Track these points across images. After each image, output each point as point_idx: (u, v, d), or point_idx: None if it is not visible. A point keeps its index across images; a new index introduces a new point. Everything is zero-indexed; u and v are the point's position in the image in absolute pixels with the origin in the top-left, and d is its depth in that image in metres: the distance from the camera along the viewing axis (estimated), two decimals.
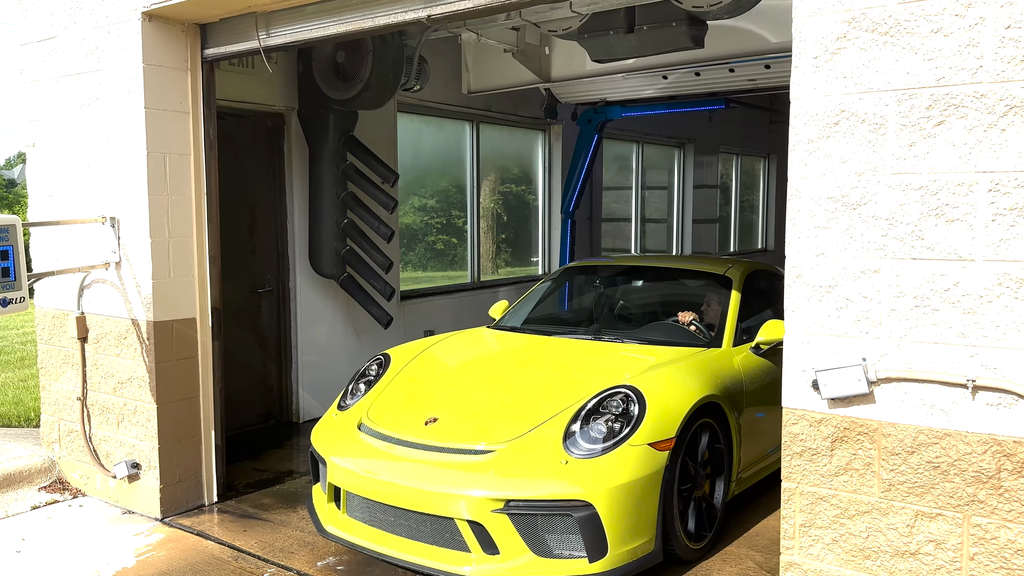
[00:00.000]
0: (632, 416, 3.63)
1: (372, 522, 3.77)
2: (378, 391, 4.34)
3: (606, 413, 3.67)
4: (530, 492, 3.40)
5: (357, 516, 3.85)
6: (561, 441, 3.57)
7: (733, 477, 4.24)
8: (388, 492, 3.62)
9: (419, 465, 3.64)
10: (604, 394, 3.76)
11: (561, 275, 5.83)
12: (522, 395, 4.04)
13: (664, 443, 3.61)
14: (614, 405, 3.69)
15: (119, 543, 4.29)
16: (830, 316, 2.64)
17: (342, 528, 3.86)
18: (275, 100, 6.12)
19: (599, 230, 10.31)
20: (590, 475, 3.41)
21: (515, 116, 8.51)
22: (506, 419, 3.81)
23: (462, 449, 3.66)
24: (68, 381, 5.03)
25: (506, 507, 3.39)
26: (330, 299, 6.65)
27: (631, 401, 3.69)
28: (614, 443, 3.52)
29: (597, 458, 3.48)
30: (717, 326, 4.69)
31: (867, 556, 2.60)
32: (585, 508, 3.36)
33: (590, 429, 3.61)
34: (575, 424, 3.64)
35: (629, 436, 3.55)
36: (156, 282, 4.53)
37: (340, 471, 3.85)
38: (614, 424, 3.61)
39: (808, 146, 2.66)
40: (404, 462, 3.69)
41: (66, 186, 4.91)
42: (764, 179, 14.48)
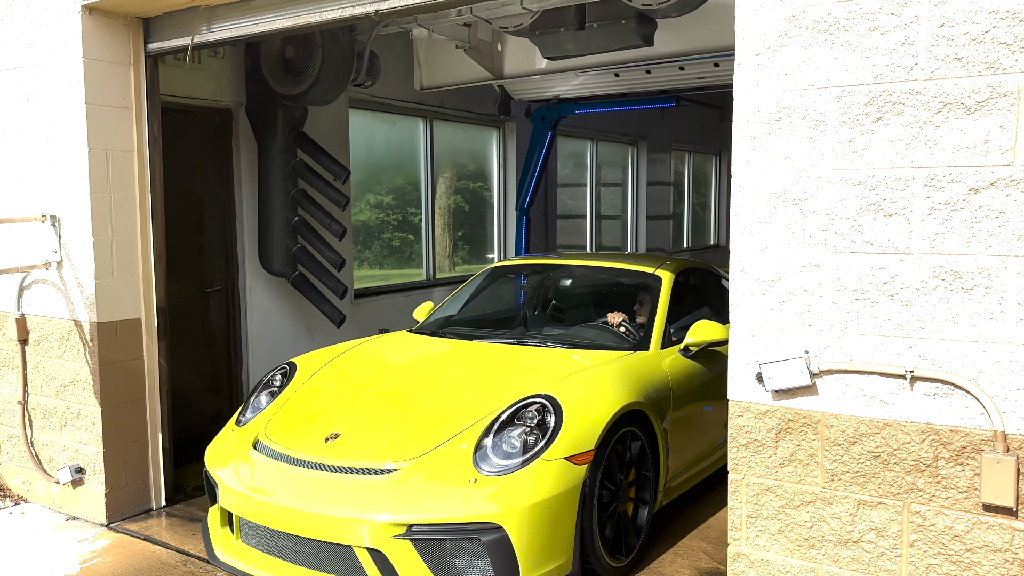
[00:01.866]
0: (548, 428, 3.39)
1: (267, 549, 3.50)
2: (279, 404, 4.04)
3: (521, 425, 3.42)
4: (434, 515, 3.14)
5: (251, 542, 3.58)
6: (471, 457, 3.33)
7: (660, 487, 4.04)
8: (281, 517, 3.34)
9: (316, 487, 3.35)
10: (519, 404, 3.52)
11: (488, 275, 5.51)
12: (434, 407, 3.77)
13: (583, 456, 3.38)
14: (529, 416, 3.45)
15: (63, 550, 4.18)
16: (773, 310, 2.68)
17: (235, 555, 3.59)
18: (222, 95, 6.01)
19: (555, 227, 10.35)
20: (500, 494, 3.17)
21: (469, 113, 8.49)
22: (414, 434, 3.55)
23: (362, 468, 3.38)
24: (8, 385, 4.88)
25: (408, 532, 3.13)
26: (281, 298, 6.56)
27: (547, 411, 3.46)
28: (528, 458, 3.27)
29: (509, 475, 3.23)
30: (645, 328, 4.53)
31: (812, 545, 2.65)
32: (495, 531, 3.12)
33: (503, 443, 3.36)
34: (487, 438, 3.39)
35: (544, 450, 3.31)
36: (99, 282, 4.42)
37: (231, 494, 3.56)
38: (529, 437, 3.37)
39: (751, 143, 2.69)
40: (300, 483, 3.40)
41: (3, 184, 4.77)
42: (716, 176, 14.68)
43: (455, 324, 5.03)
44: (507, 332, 4.84)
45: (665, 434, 4.03)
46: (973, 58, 2.34)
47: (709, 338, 4.29)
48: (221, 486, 3.63)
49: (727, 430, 4.52)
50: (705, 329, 4.31)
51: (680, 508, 4.56)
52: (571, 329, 4.81)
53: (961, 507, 2.42)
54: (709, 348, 4.41)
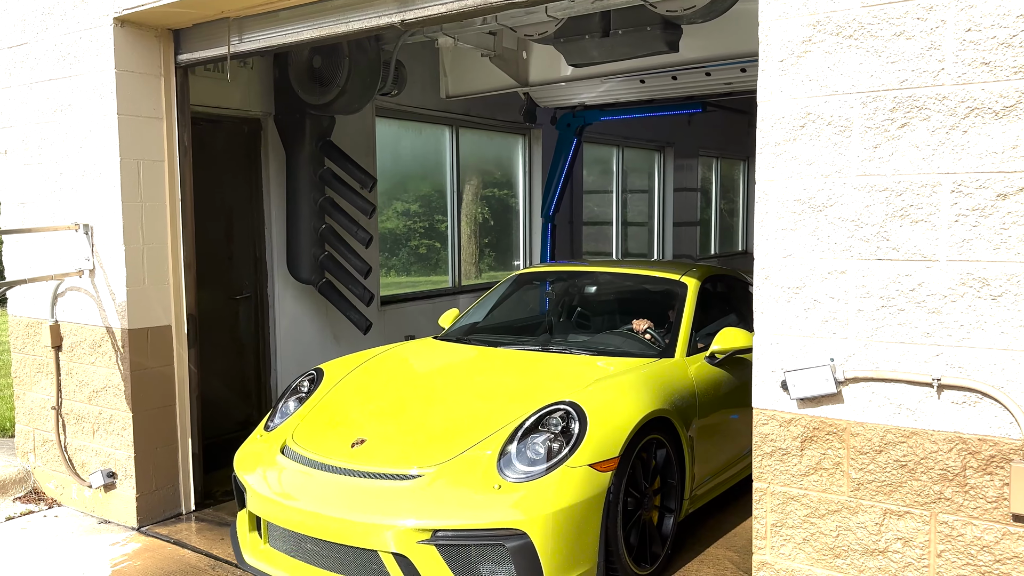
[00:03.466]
0: (572, 435, 3.38)
1: (295, 553, 3.54)
2: (307, 410, 4.08)
3: (545, 432, 3.42)
4: (459, 521, 3.14)
5: (279, 546, 3.62)
6: (496, 463, 3.33)
7: (686, 495, 4.01)
8: (308, 522, 3.37)
9: (342, 492, 3.38)
10: (544, 411, 3.52)
11: (513, 282, 5.53)
12: (459, 413, 3.79)
13: (607, 463, 3.37)
14: (554, 423, 3.45)
15: (95, 553, 4.26)
16: (798, 317, 2.66)
17: (263, 559, 3.62)
18: (251, 105, 6.10)
19: (580, 234, 10.34)
20: (525, 500, 3.17)
21: (494, 120, 8.53)
22: (439, 440, 3.56)
23: (388, 474, 3.40)
24: (43, 390, 4.98)
25: (433, 537, 3.14)
26: (309, 305, 6.62)
27: (571, 418, 3.45)
28: (552, 465, 3.27)
29: (533, 481, 3.23)
30: (670, 335, 4.48)
31: (837, 555, 2.62)
32: (519, 537, 3.12)
33: (527, 450, 3.36)
34: (511, 444, 3.39)
35: (568, 457, 3.30)
36: (130, 289, 4.50)
37: (259, 499, 3.60)
38: (553, 444, 3.37)
39: (775, 148, 2.68)
40: (327, 488, 3.43)
41: (39, 193, 4.87)
42: (743, 182, 14.58)
43: (480, 331, 5.04)
44: (532, 339, 4.84)
45: (691, 442, 4.00)
46: (1001, 62, 2.32)
47: (735, 345, 4.26)
48: (249, 491, 3.67)
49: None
50: (731, 336, 4.28)
51: (706, 517, 4.53)
52: (596, 336, 4.79)
53: (990, 517, 2.38)
54: (736, 355, 4.37)
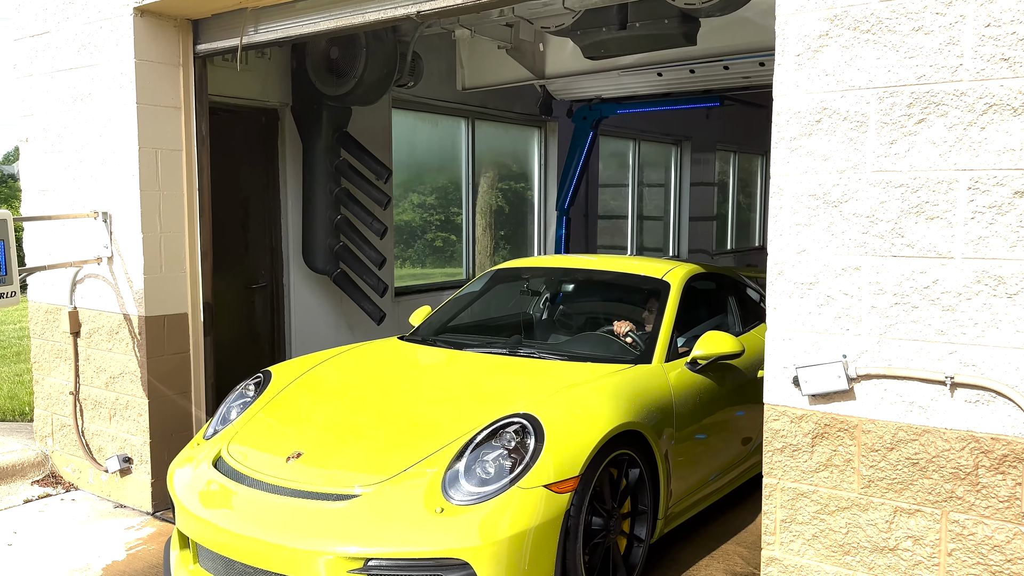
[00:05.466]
0: (527, 451, 3.05)
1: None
2: (248, 417, 3.74)
3: (499, 447, 3.10)
4: (394, 548, 2.82)
5: (209, 567, 3.27)
6: (440, 483, 3.00)
7: (660, 514, 3.68)
8: (235, 545, 3.04)
9: (272, 512, 3.05)
10: (497, 424, 3.18)
11: (491, 278, 5.14)
12: (409, 424, 3.46)
13: (565, 483, 3.03)
14: (507, 438, 3.12)
15: (110, 537, 4.31)
16: (811, 313, 2.65)
17: None
18: (269, 96, 6.13)
19: (595, 227, 10.33)
20: (469, 526, 2.85)
21: (511, 113, 8.52)
22: (382, 455, 3.24)
23: (322, 493, 3.07)
24: (61, 375, 5.05)
25: (365, 567, 2.82)
26: (324, 295, 6.66)
27: (527, 433, 3.11)
28: (503, 486, 2.95)
29: (481, 504, 2.91)
30: (648, 338, 4.15)
31: (847, 552, 2.61)
32: (460, 568, 2.81)
33: (476, 467, 3.04)
34: (459, 462, 3.06)
35: (521, 476, 2.98)
36: (148, 277, 4.54)
37: (187, 516, 3.27)
38: (505, 461, 3.04)
39: (790, 144, 2.67)
40: (256, 508, 3.10)
41: (59, 181, 4.93)
42: (761, 176, 14.50)
43: (449, 331, 4.70)
44: (501, 341, 4.45)
45: (666, 457, 3.68)
46: (1021, 59, 2.29)
47: (719, 351, 3.94)
48: (178, 507, 3.35)
49: (740, 449, 4.46)
50: (715, 341, 3.95)
51: (717, 513, 4.53)
52: (571, 339, 4.49)
53: (1002, 517, 2.37)
54: (720, 362, 4.09)
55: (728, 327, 4.77)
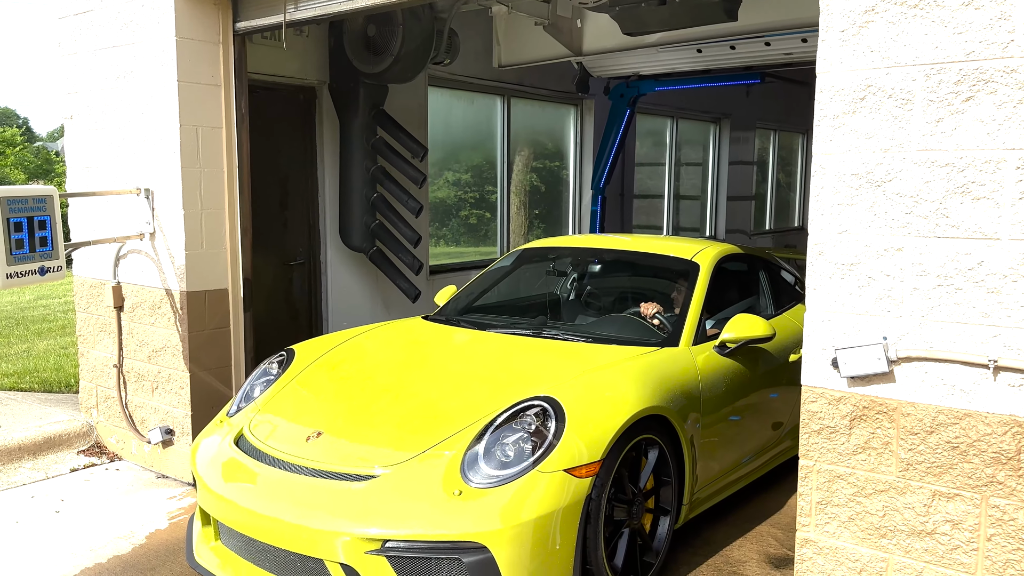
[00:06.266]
0: (547, 435, 3.01)
1: (245, 554, 3.22)
2: (270, 395, 3.75)
3: (519, 430, 3.05)
4: (411, 530, 2.80)
5: (229, 544, 3.30)
6: (459, 465, 2.97)
7: (686, 500, 3.64)
8: (254, 524, 3.05)
9: (291, 492, 3.05)
10: (518, 407, 3.14)
11: (517, 258, 5.06)
12: (429, 405, 3.43)
13: (586, 468, 2.99)
14: (527, 421, 3.07)
15: (153, 506, 4.43)
16: (851, 294, 2.61)
17: (214, 556, 3.32)
18: (307, 74, 6.16)
19: (631, 206, 10.26)
20: (487, 510, 2.81)
21: (547, 90, 8.47)
22: (402, 436, 3.22)
23: (341, 473, 3.06)
24: (105, 349, 5.17)
25: (383, 548, 2.81)
26: (360, 272, 6.72)
27: (548, 416, 3.07)
28: (522, 469, 2.91)
29: (499, 487, 2.87)
30: (676, 321, 4.07)
31: (883, 535, 2.59)
32: (478, 551, 2.77)
33: (496, 450, 3.00)
34: (478, 444, 3.03)
35: (541, 460, 2.94)
36: (189, 253, 4.62)
37: (208, 494, 3.29)
38: (525, 445, 2.99)
39: (833, 121, 2.62)
40: (276, 487, 3.10)
41: (102, 158, 5.02)
42: (802, 155, 14.26)
43: (473, 311, 4.66)
44: (525, 322, 4.40)
45: (692, 442, 3.63)
46: None
47: (748, 334, 3.85)
48: (200, 483, 3.39)
49: (770, 434, 4.42)
50: (745, 324, 3.86)
51: (752, 495, 4.51)
52: (597, 320, 4.42)
53: None
54: (751, 345, 4.01)
55: (760, 310, 4.69)
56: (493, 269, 5.09)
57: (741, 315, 3.95)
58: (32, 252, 4.06)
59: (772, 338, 3.95)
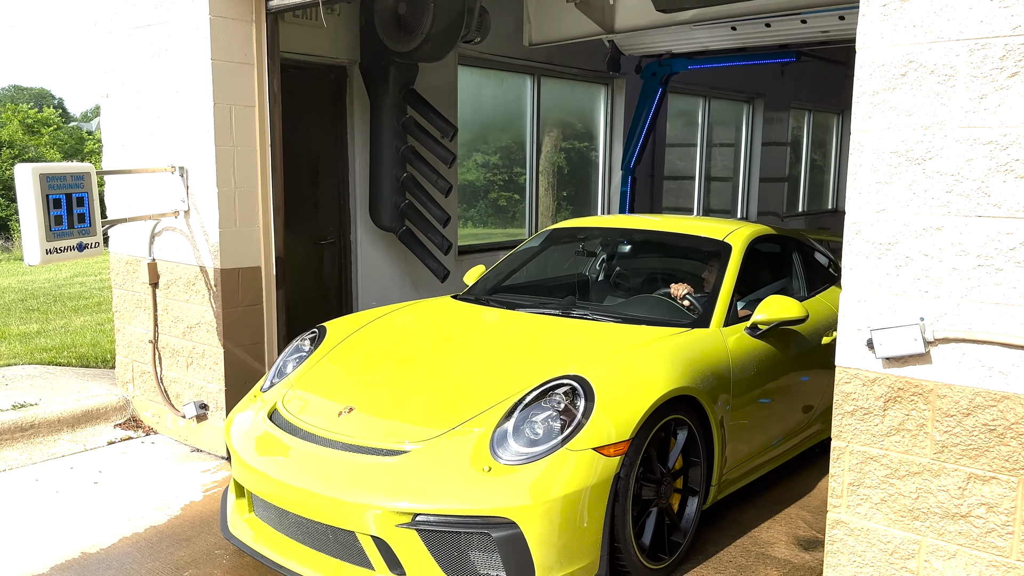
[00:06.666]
0: (576, 413, 3.04)
1: (278, 526, 3.29)
2: (303, 371, 3.81)
3: (548, 409, 3.08)
4: (441, 505, 2.84)
5: (263, 516, 3.38)
6: (488, 442, 3.01)
7: (714, 480, 3.66)
8: (288, 496, 3.12)
9: (324, 466, 3.11)
10: (547, 385, 3.17)
11: (546, 238, 5.08)
12: (459, 382, 3.46)
13: (615, 447, 3.01)
14: (556, 400, 3.10)
15: (188, 478, 4.52)
16: (888, 274, 2.57)
17: (247, 530, 3.40)
18: (338, 53, 6.17)
19: (661, 188, 10.18)
20: (516, 486, 2.85)
21: (577, 69, 8.41)
22: (432, 412, 3.26)
23: (372, 448, 3.11)
24: (140, 325, 5.26)
25: (413, 522, 2.86)
26: (389, 252, 6.75)
27: (577, 395, 3.10)
28: (551, 447, 2.94)
29: (528, 464, 2.90)
30: (707, 302, 4.05)
31: (916, 517, 2.56)
32: (507, 527, 2.81)
33: (525, 428, 3.03)
34: (508, 422, 3.06)
35: (570, 438, 2.96)
36: (223, 231, 4.67)
37: (243, 467, 3.36)
38: (554, 423, 3.02)
39: (873, 98, 2.57)
40: (308, 461, 3.16)
41: (138, 136, 5.08)
42: (837, 136, 14.03)
43: (502, 291, 4.68)
44: (555, 302, 4.44)
45: (721, 423, 3.62)
46: None
47: (781, 316, 3.84)
48: (234, 456, 3.46)
49: (801, 417, 4.38)
50: (777, 305, 3.85)
51: (781, 477, 4.49)
52: (626, 301, 4.41)
53: None
54: (783, 327, 3.98)
55: (792, 292, 4.65)
56: (522, 249, 5.09)
57: (774, 296, 3.93)
58: (70, 228, 4.13)
59: (805, 320, 3.91)
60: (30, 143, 23.75)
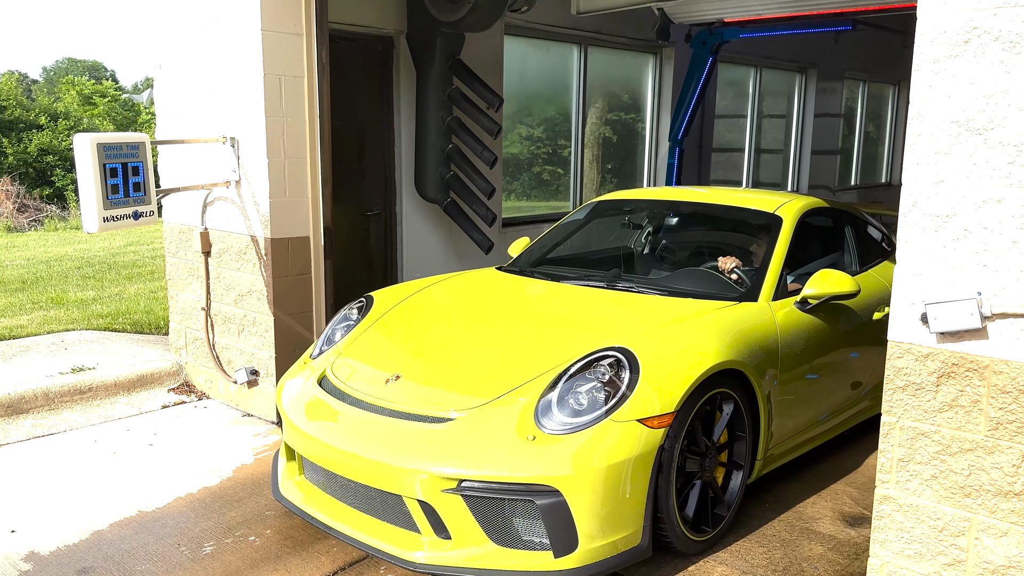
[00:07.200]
0: (621, 385, 3.05)
1: (327, 488, 3.39)
2: (351, 339, 3.88)
3: (592, 380, 3.09)
4: (486, 471, 2.89)
5: (313, 479, 3.50)
6: (533, 411, 3.04)
7: (760, 455, 3.65)
8: (337, 460, 3.20)
9: (371, 431, 3.18)
10: (592, 356, 3.18)
11: (591, 210, 5.06)
12: (505, 353, 3.48)
13: (659, 419, 3.02)
14: (601, 371, 3.11)
15: (239, 442, 4.64)
16: (945, 247, 2.51)
17: (297, 490, 3.51)
18: (385, 23, 6.17)
19: (708, 160, 10.03)
20: (560, 455, 2.89)
21: (625, 39, 8.28)
22: (477, 381, 3.29)
23: (418, 415, 3.17)
24: (193, 292, 5.38)
25: (459, 487, 2.92)
26: (434, 223, 6.79)
27: (622, 367, 3.10)
28: (595, 418, 2.97)
29: (572, 434, 2.94)
30: (756, 275, 4.00)
31: (967, 494, 2.52)
32: (551, 495, 2.86)
33: (569, 398, 3.06)
34: (552, 392, 3.09)
35: (614, 410, 2.98)
36: (273, 201, 4.74)
37: (293, 431, 3.45)
38: (598, 394, 3.04)
39: (934, 66, 2.49)
40: (356, 426, 3.24)
41: (190, 106, 5.16)
42: (892, 107, 13.64)
43: (547, 263, 4.68)
44: (600, 274, 4.42)
45: (768, 398, 3.60)
46: None
47: (832, 290, 3.79)
48: (285, 421, 3.55)
49: (849, 393, 4.31)
50: (828, 279, 3.80)
51: (826, 453, 4.45)
52: (673, 274, 4.40)
53: None
54: (833, 302, 3.93)
55: (843, 266, 4.57)
56: (567, 222, 5.07)
57: (825, 271, 3.87)
58: (126, 197, 4.23)
59: (856, 295, 3.84)
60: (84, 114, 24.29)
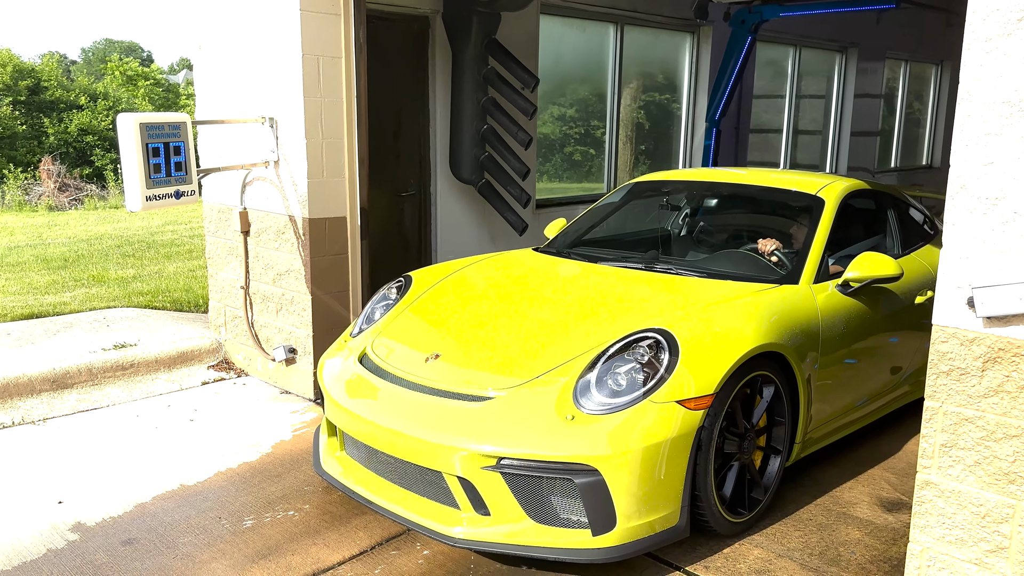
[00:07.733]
0: (660, 366, 3.06)
1: (368, 463, 3.45)
2: (390, 319, 3.94)
3: (631, 361, 3.10)
4: (526, 450, 2.92)
5: (353, 455, 3.56)
6: (572, 391, 3.07)
7: (798, 438, 3.64)
8: (377, 436, 3.25)
9: (411, 408, 3.23)
10: (631, 338, 3.19)
11: (628, 191, 5.03)
12: (543, 333, 3.48)
13: (698, 401, 3.03)
14: (640, 352, 3.12)
15: (277, 419, 4.72)
16: (994, 230, 2.46)
17: (338, 465, 3.58)
18: (421, 3, 6.16)
19: (746, 141, 9.90)
20: (598, 435, 2.91)
21: (662, 17, 8.18)
22: (516, 361, 3.31)
23: (458, 394, 3.21)
24: (232, 271, 5.46)
25: (498, 465, 2.95)
26: (468, 204, 6.79)
27: (661, 348, 3.11)
28: (634, 399, 2.98)
29: (611, 415, 2.95)
30: (797, 258, 3.96)
31: (1012, 481, 2.49)
32: (589, 474, 2.88)
33: (608, 379, 3.07)
34: (591, 372, 3.10)
35: (653, 391, 2.99)
36: (311, 181, 4.78)
37: (335, 407, 3.51)
38: (637, 375, 3.05)
39: (985, 45, 2.43)
40: (397, 403, 3.29)
41: (229, 87, 5.21)
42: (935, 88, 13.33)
43: (584, 244, 4.65)
44: (638, 256, 4.36)
45: (808, 381, 3.59)
46: None
47: (874, 273, 3.75)
48: (327, 397, 3.60)
49: (889, 378, 4.25)
50: (871, 262, 3.76)
51: (864, 439, 4.40)
52: (712, 256, 4.36)
53: None
54: (874, 285, 3.90)
55: (886, 249, 4.51)
56: (603, 203, 5.05)
57: (867, 253, 3.83)
58: (168, 176, 4.29)
59: (899, 278, 3.79)
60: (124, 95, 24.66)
